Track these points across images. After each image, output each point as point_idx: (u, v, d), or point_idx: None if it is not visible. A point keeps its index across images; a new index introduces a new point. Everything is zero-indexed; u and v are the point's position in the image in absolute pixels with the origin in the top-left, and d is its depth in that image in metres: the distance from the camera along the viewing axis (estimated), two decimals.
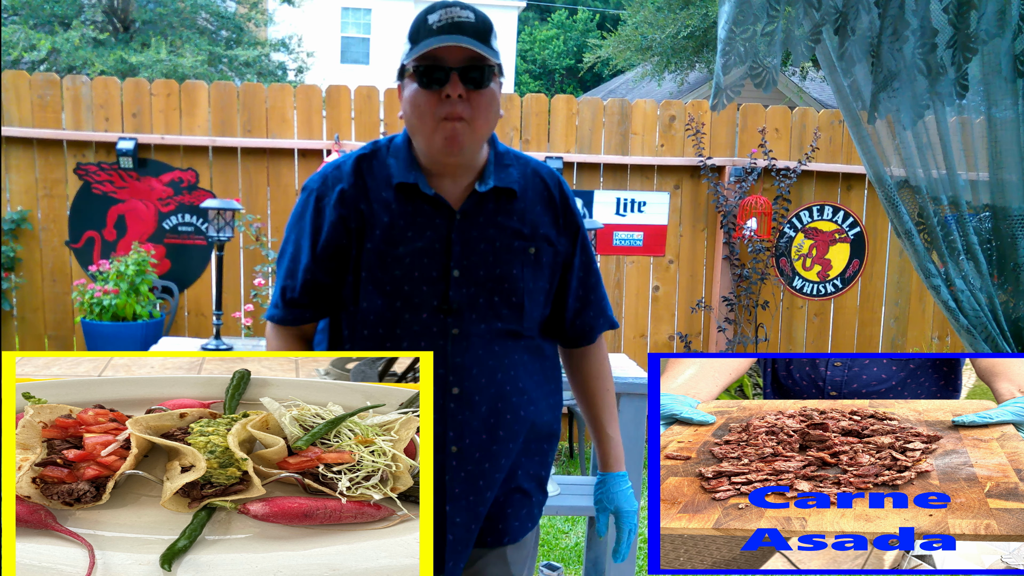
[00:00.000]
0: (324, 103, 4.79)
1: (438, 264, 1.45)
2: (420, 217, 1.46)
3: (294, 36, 13.64)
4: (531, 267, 1.49)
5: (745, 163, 4.82)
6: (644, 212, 4.93)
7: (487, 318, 1.46)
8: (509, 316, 1.48)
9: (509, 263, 1.47)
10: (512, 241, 1.48)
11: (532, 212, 1.50)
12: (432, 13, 1.39)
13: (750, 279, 4.86)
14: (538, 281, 1.51)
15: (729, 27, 1.85)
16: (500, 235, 1.47)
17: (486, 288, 1.46)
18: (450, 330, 1.45)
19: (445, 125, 1.38)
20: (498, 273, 1.46)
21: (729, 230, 4.82)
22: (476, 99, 1.39)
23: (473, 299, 1.46)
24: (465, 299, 1.45)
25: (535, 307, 1.51)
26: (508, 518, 1.54)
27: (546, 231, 1.51)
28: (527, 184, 1.52)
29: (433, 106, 1.38)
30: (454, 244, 1.45)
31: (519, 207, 1.49)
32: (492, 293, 1.46)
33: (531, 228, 1.50)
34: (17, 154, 4.63)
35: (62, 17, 11.25)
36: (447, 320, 1.45)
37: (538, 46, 23.73)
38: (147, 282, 4.35)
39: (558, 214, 1.54)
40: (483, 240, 1.46)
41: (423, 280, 1.45)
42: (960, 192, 2.03)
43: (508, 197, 1.49)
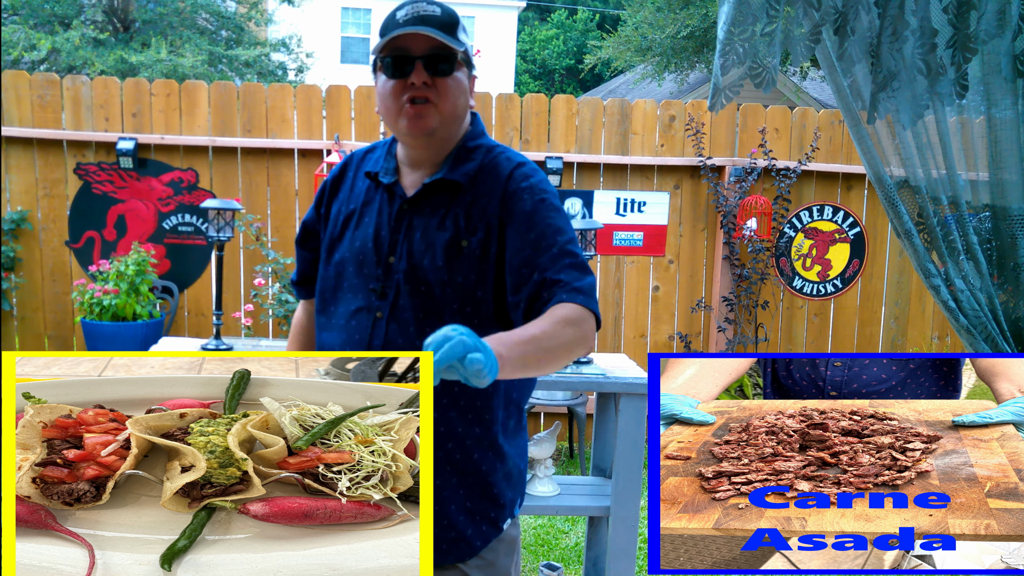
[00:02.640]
0: (324, 103, 4.79)
1: (380, 249, 1.53)
2: (376, 204, 1.57)
3: (294, 36, 13.65)
4: (459, 260, 1.48)
5: (745, 163, 4.82)
6: (644, 212, 4.93)
7: (412, 307, 1.50)
8: (430, 307, 1.50)
9: (435, 255, 1.49)
10: (445, 234, 1.49)
11: (478, 205, 1.49)
12: (400, 9, 1.47)
13: (750, 279, 4.86)
14: (468, 275, 1.47)
15: (728, 27, 1.85)
16: (435, 226, 1.51)
17: (414, 276, 1.50)
18: (374, 313, 1.52)
19: (410, 108, 1.45)
20: (425, 264, 1.49)
21: (729, 230, 4.83)
22: (441, 85, 1.45)
23: (399, 285, 1.51)
24: (394, 285, 1.52)
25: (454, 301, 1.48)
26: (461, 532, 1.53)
27: (483, 221, 1.48)
28: (480, 176, 1.51)
29: (399, 92, 1.46)
30: (395, 231, 1.53)
31: (466, 199, 1.51)
32: (418, 283, 1.50)
33: (469, 221, 1.49)
34: (17, 154, 4.63)
35: (62, 17, 11.25)
36: (377, 303, 1.53)
37: (538, 46, 23.73)
38: (147, 282, 4.35)
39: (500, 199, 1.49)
40: (419, 229, 1.52)
41: (365, 263, 1.54)
42: (960, 192, 2.03)
43: (455, 189, 1.52)
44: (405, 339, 1.50)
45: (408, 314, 1.50)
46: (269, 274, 4.57)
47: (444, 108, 1.47)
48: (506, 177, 1.51)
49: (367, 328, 1.53)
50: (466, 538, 1.54)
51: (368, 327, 1.53)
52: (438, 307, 1.50)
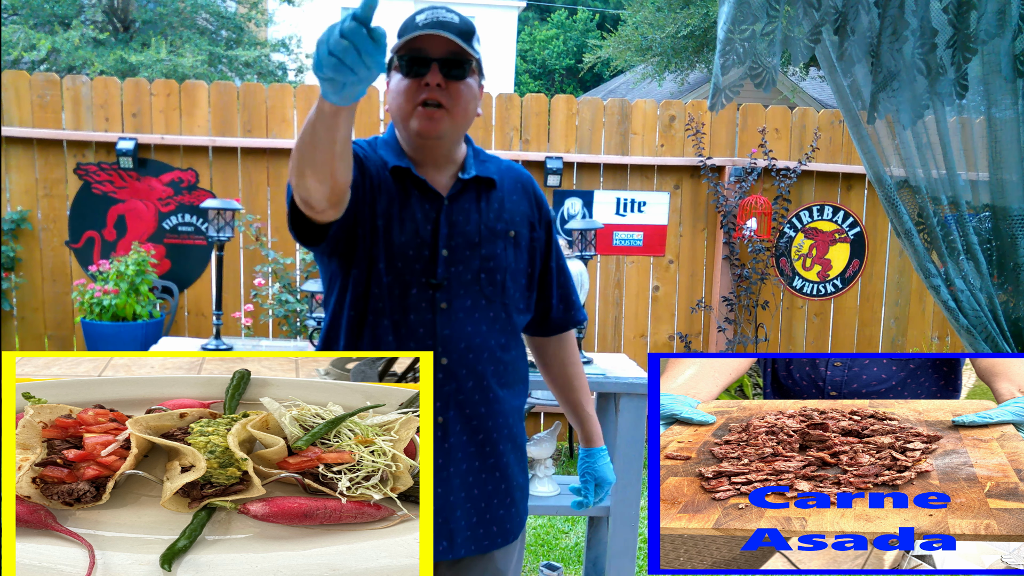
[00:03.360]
0: None
1: (428, 244, 1.55)
2: (412, 199, 1.56)
3: (294, 36, 13.64)
4: (512, 248, 1.60)
5: (745, 163, 4.82)
6: (644, 212, 4.93)
7: (472, 294, 1.56)
8: (492, 293, 1.58)
9: (492, 243, 1.58)
10: (495, 224, 1.59)
11: (509, 200, 1.63)
12: (420, 14, 1.50)
13: (750, 279, 4.86)
14: (519, 263, 1.62)
15: (728, 27, 1.85)
16: (483, 218, 1.58)
17: (471, 266, 1.56)
18: (438, 304, 1.54)
19: (424, 110, 1.49)
20: (483, 252, 1.57)
21: (729, 230, 4.82)
22: (455, 89, 1.49)
23: (460, 276, 1.55)
24: (453, 276, 1.55)
25: (516, 287, 1.62)
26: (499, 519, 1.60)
27: (523, 218, 1.64)
28: (503, 177, 1.64)
29: (414, 92, 1.49)
30: (442, 226, 1.55)
31: (498, 195, 1.62)
32: (478, 271, 1.56)
33: (509, 214, 1.61)
34: (17, 154, 4.63)
35: (62, 17, 11.25)
36: (436, 295, 1.54)
37: (538, 46, 23.72)
38: (147, 282, 4.35)
39: (533, 205, 1.67)
40: (468, 223, 1.57)
41: (415, 259, 1.54)
42: (960, 192, 2.03)
43: (488, 186, 1.61)
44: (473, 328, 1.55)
45: (468, 301, 1.55)
46: (269, 274, 4.57)
47: (456, 113, 1.51)
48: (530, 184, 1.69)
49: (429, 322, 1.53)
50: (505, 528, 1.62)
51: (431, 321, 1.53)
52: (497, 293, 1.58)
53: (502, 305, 1.59)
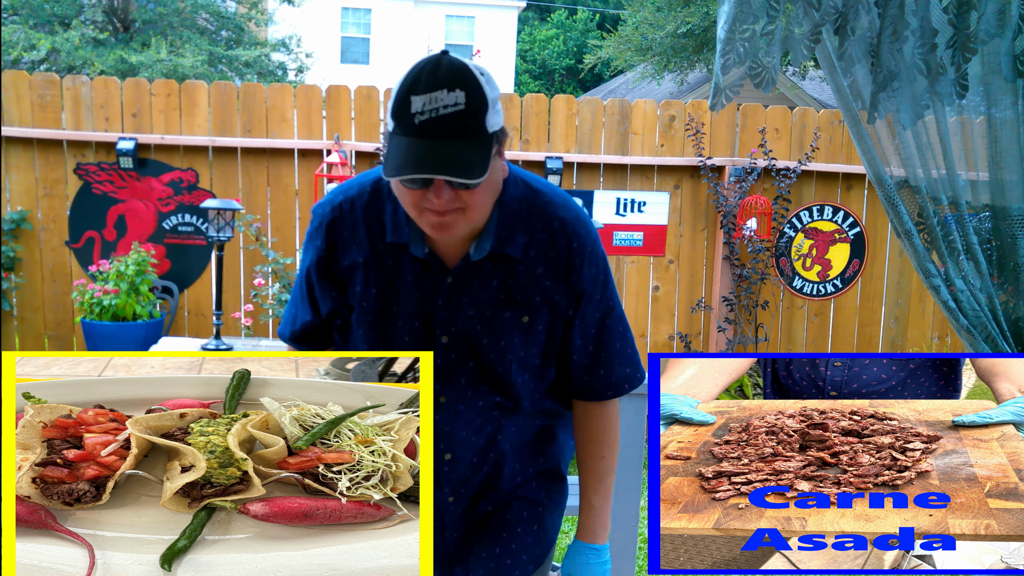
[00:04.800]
0: (324, 103, 4.79)
1: (426, 328, 1.38)
2: (411, 276, 1.38)
3: (294, 36, 13.63)
4: (522, 336, 1.39)
5: (745, 163, 4.82)
6: (644, 212, 4.93)
7: (475, 385, 1.40)
8: (496, 385, 1.40)
9: (498, 333, 1.38)
10: (503, 311, 1.37)
11: (531, 275, 1.38)
12: (416, 95, 1.19)
13: (750, 279, 4.86)
14: (530, 348, 1.40)
15: (729, 27, 1.85)
16: (491, 302, 1.37)
17: (472, 356, 1.38)
18: (437, 398, 1.39)
19: (432, 216, 1.25)
20: (485, 343, 1.38)
21: (729, 230, 4.82)
22: (468, 196, 1.24)
23: (460, 366, 1.39)
24: (452, 366, 1.39)
25: (525, 373, 1.42)
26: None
27: (544, 296, 1.39)
28: (531, 242, 1.38)
29: (417, 200, 1.25)
30: (440, 309, 1.37)
31: (517, 270, 1.38)
32: (480, 360, 1.39)
33: (526, 294, 1.38)
34: (17, 154, 4.63)
35: (62, 17, 11.25)
36: (437, 387, 1.38)
37: (538, 46, 23.72)
38: (147, 282, 4.35)
39: (563, 274, 1.39)
40: (472, 306, 1.37)
41: (412, 344, 1.38)
42: (960, 192, 2.03)
43: (506, 260, 1.37)
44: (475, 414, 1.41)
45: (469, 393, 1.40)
46: (269, 274, 4.57)
47: (473, 216, 1.28)
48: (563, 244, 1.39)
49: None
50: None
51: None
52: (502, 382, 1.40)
53: (511, 399, 1.42)
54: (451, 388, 1.40)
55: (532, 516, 1.51)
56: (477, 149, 1.21)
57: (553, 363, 1.45)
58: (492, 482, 1.47)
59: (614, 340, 1.46)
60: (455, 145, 1.19)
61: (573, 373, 1.46)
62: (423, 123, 1.19)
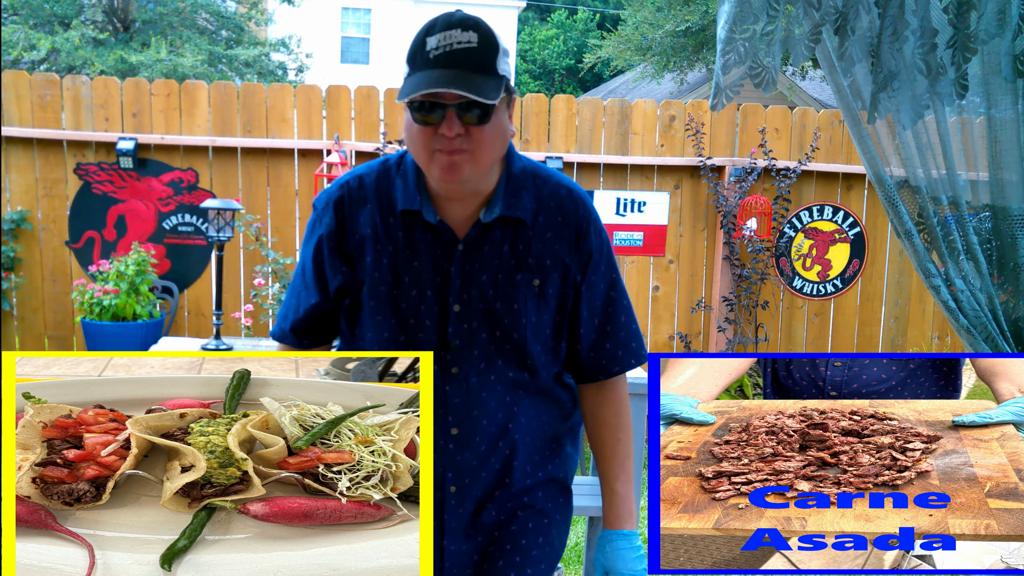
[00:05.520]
0: (324, 103, 4.79)
1: (439, 298, 1.39)
2: (424, 246, 1.39)
3: (294, 36, 13.63)
4: (534, 300, 1.40)
5: (745, 163, 4.82)
6: (644, 212, 4.93)
7: (488, 356, 1.39)
8: (511, 354, 1.40)
9: (511, 297, 1.38)
10: (515, 274, 1.39)
11: (542, 240, 1.41)
12: (431, 35, 1.28)
13: (750, 279, 4.86)
14: (543, 314, 1.41)
15: (729, 27, 1.85)
16: (503, 267, 1.38)
17: (487, 324, 1.39)
18: (449, 368, 1.39)
19: (442, 157, 1.30)
20: (498, 308, 1.38)
21: (729, 230, 4.83)
22: (477, 134, 1.29)
23: (474, 336, 1.39)
24: (465, 335, 1.38)
25: (539, 343, 1.42)
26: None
27: (555, 260, 1.41)
28: (539, 208, 1.42)
29: (429, 139, 1.29)
30: (453, 278, 1.38)
31: (527, 235, 1.40)
32: (494, 329, 1.39)
33: (537, 258, 1.40)
34: (17, 154, 4.63)
35: (62, 17, 11.25)
36: (446, 357, 1.38)
37: (538, 46, 23.72)
38: (147, 282, 4.35)
39: (572, 239, 1.42)
40: (485, 271, 1.38)
41: (426, 315, 1.39)
42: (960, 192, 2.03)
43: (516, 225, 1.40)
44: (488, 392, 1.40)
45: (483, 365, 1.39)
46: (269, 274, 4.57)
47: (480, 158, 1.31)
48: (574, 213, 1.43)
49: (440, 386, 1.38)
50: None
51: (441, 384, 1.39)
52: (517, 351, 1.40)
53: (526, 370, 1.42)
54: (463, 360, 1.39)
55: (539, 528, 1.49)
56: (488, 80, 1.28)
57: (564, 336, 1.46)
58: (501, 480, 1.44)
59: (620, 313, 1.48)
60: (467, 73, 1.26)
61: (582, 349, 1.47)
62: (437, 56, 1.26)
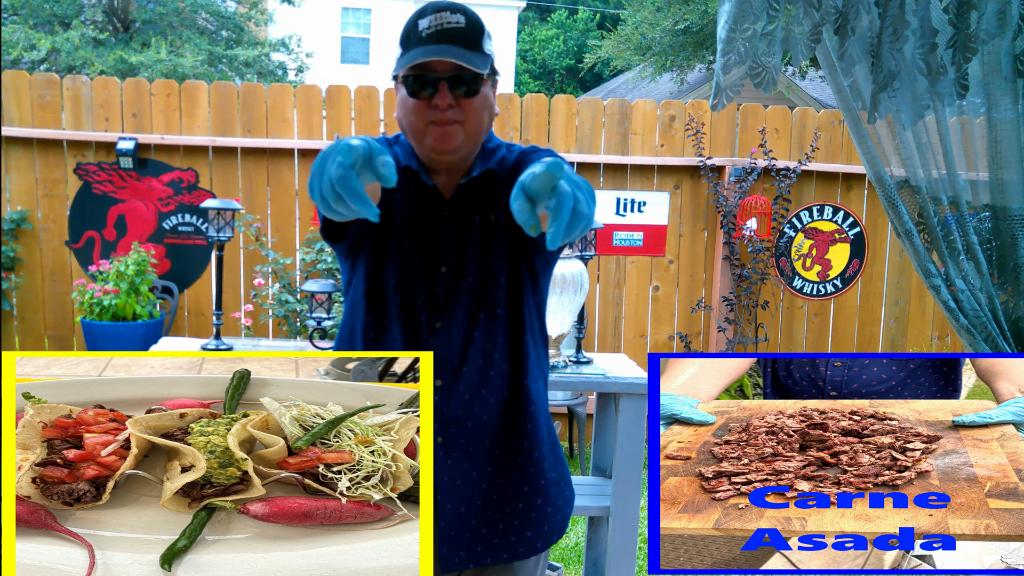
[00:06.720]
0: (324, 103, 4.79)
1: (429, 259, 1.49)
2: (417, 207, 1.50)
3: (294, 36, 13.63)
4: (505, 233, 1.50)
5: (745, 163, 4.82)
6: (644, 212, 4.93)
7: (470, 311, 1.48)
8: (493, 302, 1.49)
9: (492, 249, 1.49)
10: (497, 229, 1.50)
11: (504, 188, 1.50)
12: (423, 18, 1.40)
13: (750, 279, 4.86)
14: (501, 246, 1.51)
15: (729, 27, 1.84)
16: (483, 221, 1.50)
17: (474, 282, 1.48)
18: (433, 324, 1.48)
19: (435, 128, 1.41)
20: (481, 263, 1.48)
21: (729, 230, 4.82)
22: (467, 105, 1.41)
23: (458, 295, 1.48)
24: (452, 295, 1.48)
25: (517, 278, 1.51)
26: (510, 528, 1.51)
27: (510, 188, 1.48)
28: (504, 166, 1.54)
29: (423, 111, 1.41)
30: (443, 240, 1.49)
31: (501, 193, 1.50)
32: (480, 285, 1.48)
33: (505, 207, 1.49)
34: (17, 154, 4.63)
35: (62, 17, 11.25)
36: (432, 314, 1.48)
37: (538, 46, 23.72)
38: (147, 282, 4.35)
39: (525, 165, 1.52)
40: (470, 229, 1.49)
41: (417, 274, 1.49)
42: (960, 192, 2.03)
43: (489, 183, 1.51)
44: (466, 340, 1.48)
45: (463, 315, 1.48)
46: (269, 274, 4.57)
47: (470, 127, 1.43)
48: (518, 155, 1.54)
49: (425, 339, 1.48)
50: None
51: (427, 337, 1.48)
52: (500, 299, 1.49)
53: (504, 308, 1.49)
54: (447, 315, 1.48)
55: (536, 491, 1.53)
56: (476, 55, 1.40)
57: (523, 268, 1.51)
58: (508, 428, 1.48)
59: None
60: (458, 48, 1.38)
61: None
62: (430, 34, 1.38)
